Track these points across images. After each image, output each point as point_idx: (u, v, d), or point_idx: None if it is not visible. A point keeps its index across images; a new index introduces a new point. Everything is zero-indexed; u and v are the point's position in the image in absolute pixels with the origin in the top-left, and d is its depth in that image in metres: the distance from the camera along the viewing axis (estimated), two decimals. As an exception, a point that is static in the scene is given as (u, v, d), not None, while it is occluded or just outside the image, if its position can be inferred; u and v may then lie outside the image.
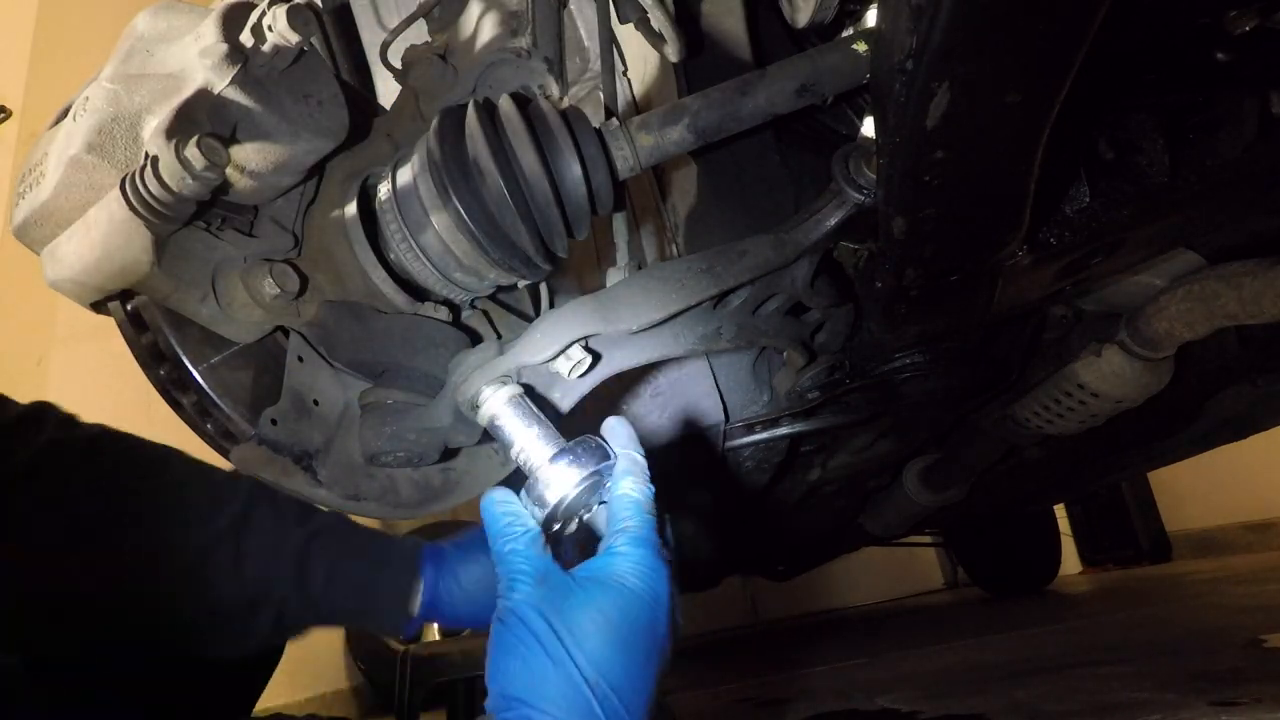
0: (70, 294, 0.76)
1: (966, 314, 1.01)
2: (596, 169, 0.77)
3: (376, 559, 0.86)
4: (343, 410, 0.81)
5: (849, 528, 2.29)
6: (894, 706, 1.60)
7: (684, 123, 0.82)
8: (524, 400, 0.73)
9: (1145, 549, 4.35)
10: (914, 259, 0.83)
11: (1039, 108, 0.63)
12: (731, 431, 1.21)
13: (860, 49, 0.83)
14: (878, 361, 1.12)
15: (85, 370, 2.33)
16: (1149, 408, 1.34)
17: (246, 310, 0.76)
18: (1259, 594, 2.42)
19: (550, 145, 0.76)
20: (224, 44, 0.67)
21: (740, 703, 2.04)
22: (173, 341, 0.77)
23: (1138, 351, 1.23)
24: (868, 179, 0.82)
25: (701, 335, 0.85)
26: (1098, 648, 1.92)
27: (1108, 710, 1.27)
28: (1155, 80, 0.93)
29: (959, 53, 0.55)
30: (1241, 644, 1.62)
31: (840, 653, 2.71)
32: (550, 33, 1.00)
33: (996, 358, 1.30)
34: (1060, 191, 0.93)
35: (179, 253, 0.71)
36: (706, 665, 3.18)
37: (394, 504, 0.82)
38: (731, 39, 1.04)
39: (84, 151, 0.69)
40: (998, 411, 1.52)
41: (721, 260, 0.83)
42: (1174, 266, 1.19)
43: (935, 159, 0.66)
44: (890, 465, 1.87)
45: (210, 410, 0.79)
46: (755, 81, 0.83)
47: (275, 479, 0.75)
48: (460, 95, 0.92)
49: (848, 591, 5.11)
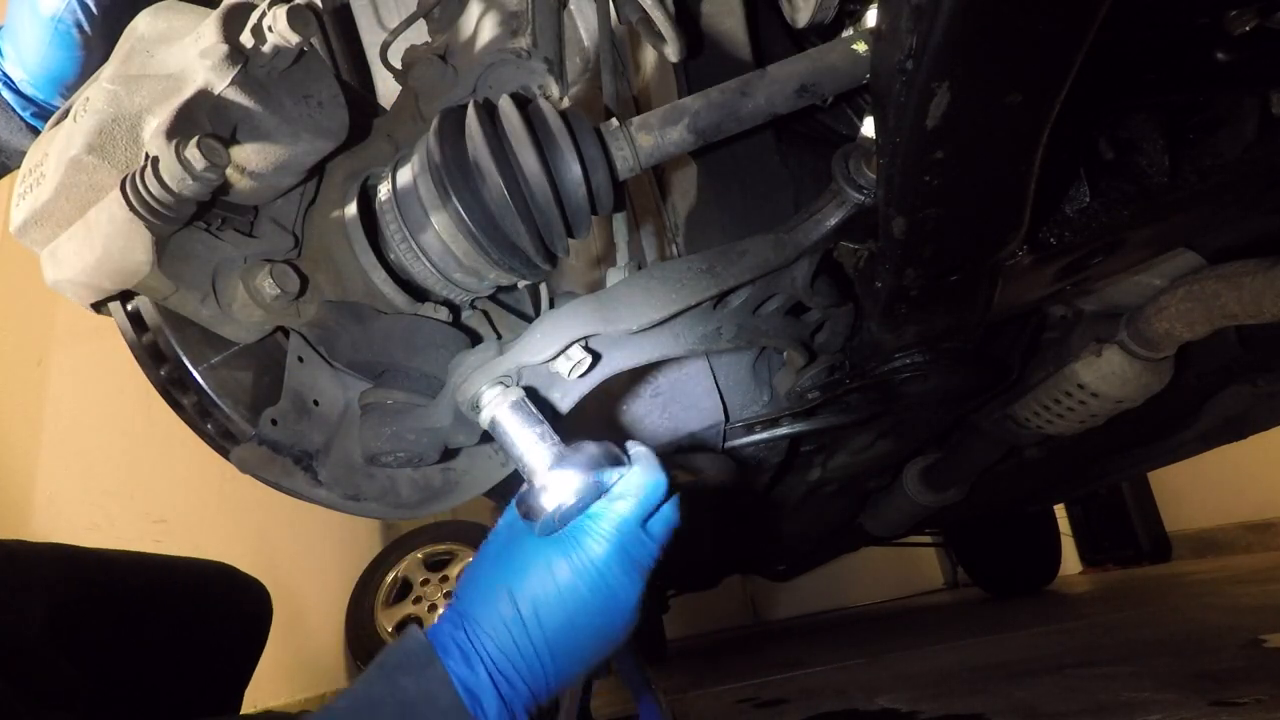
0: (70, 294, 0.76)
1: (966, 314, 1.01)
2: (596, 169, 0.77)
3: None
4: (343, 410, 0.81)
5: (849, 528, 2.29)
6: (894, 706, 1.60)
7: (684, 123, 0.81)
8: (524, 401, 0.73)
9: (1145, 549, 4.35)
10: (914, 259, 0.83)
11: (1039, 108, 0.63)
12: (731, 431, 1.21)
13: (860, 49, 0.82)
14: (878, 361, 1.12)
15: (85, 370, 2.33)
16: (1149, 408, 1.34)
17: (246, 310, 0.76)
18: (1259, 594, 2.42)
19: (550, 145, 0.76)
20: (224, 44, 0.67)
21: (740, 703, 2.04)
22: (173, 341, 0.77)
23: (1138, 351, 1.23)
24: (868, 179, 0.82)
25: (701, 335, 0.85)
26: (1098, 648, 1.92)
27: (1108, 710, 1.27)
28: (1155, 80, 0.93)
29: (959, 53, 0.55)
30: (1241, 644, 1.63)
31: (840, 653, 2.71)
32: (550, 33, 1.00)
33: (996, 358, 1.30)
34: (1060, 191, 0.93)
35: (179, 253, 0.71)
36: (706, 665, 3.18)
37: (394, 504, 0.82)
38: (731, 39, 1.04)
39: (84, 152, 0.68)
40: (998, 411, 1.52)
41: (721, 260, 0.83)
42: (1174, 266, 1.19)
43: (935, 159, 0.66)
44: (890, 465, 1.87)
45: (210, 410, 0.79)
46: (755, 81, 0.83)
47: (275, 479, 0.75)
48: (460, 95, 0.92)
49: (848, 591, 5.11)
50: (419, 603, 3.30)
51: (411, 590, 3.33)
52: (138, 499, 2.43)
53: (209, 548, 1.61)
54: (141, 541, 2.33)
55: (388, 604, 3.29)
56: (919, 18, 0.54)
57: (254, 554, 2.64)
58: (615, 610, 0.63)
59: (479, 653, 0.60)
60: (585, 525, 0.64)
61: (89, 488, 2.30)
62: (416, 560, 3.39)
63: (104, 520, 2.30)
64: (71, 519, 2.20)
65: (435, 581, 3.33)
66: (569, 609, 0.62)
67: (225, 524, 2.70)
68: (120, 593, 1.00)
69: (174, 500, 2.54)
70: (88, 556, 1.02)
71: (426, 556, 3.40)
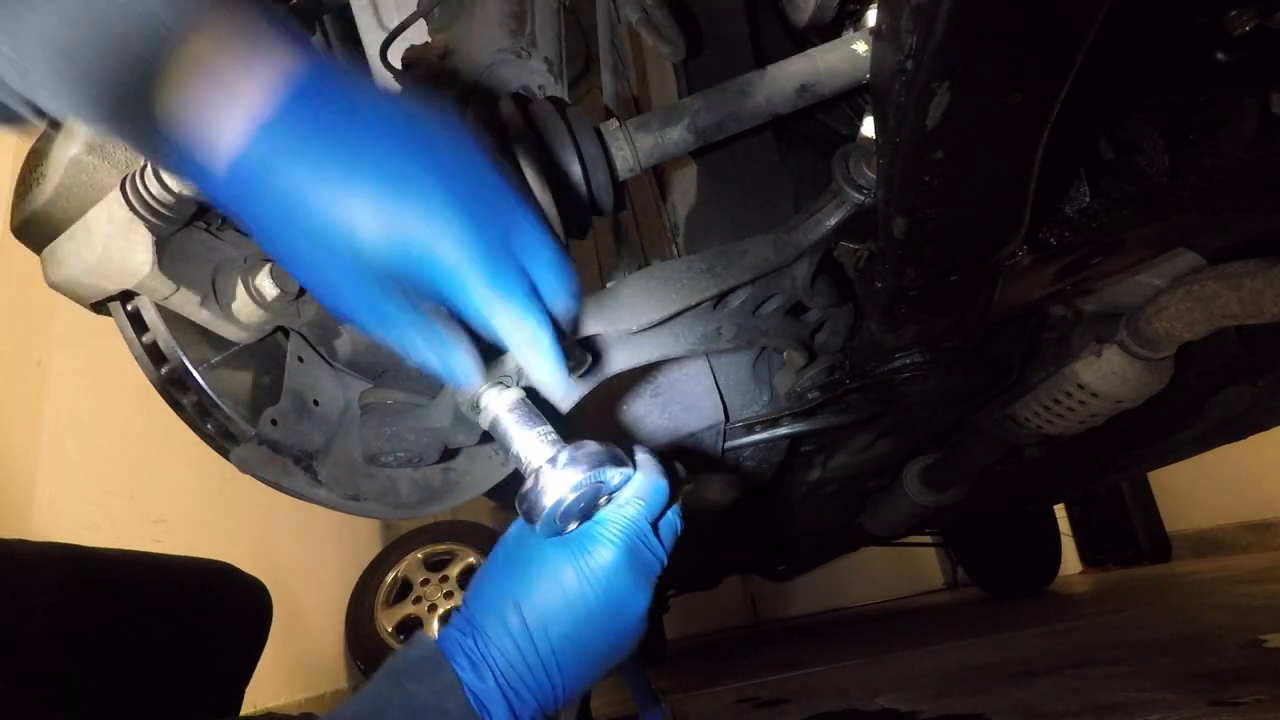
0: (70, 295, 0.76)
1: (967, 314, 1.01)
2: (596, 169, 0.77)
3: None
4: (343, 410, 0.81)
5: (849, 528, 2.29)
6: (894, 706, 1.60)
7: (684, 123, 0.82)
8: (524, 401, 0.73)
9: (1145, 549, 4.35)
10: (914, 259, 0.83)
11: (1039, 108, 0.63)
12: (731, 431, 1.21)
13: (860, 49, 0.83)
14: (878, 361, 1.12)
15: (85, 370, 2.33)
16: (1149, 408, 1.34)
17: (247, 310, 0.76)
18: (1259, 594, 2.42)
19: (550, 145, 0.76)
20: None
21: (740, 703, 2.04)
22: (173, 342, 0.77)
23: (1138, 351, 1.23)
24: (868, 179, 0.82)
25: (701, 335, 0.85)
26: (1098, 648, 1.92)
27: (1108, 710, 1.27)
28: (1155, 80, 0.93)
29: (959, 52, 0.55)
30: (1241, 644, 1.63)
31: (840, 653, 2.71)
32: (550, 33, 1.00)
33: (996, 358, 1.30)
34: (1060, 191, 0.93)
35: (179, 253, 0.71)
36: (706, 665, 3.18)
37: (394, 504, 0.82)
38: (731, 39, 1.04)
39: (84, 152, 0.69)
40: (997, 411, 1.52)
41: (721, 260, 0.83)
42: (1174, 266, 1.19)
43: (935, 159, 0.66)
44: (890, 465, 1.87)
45: (210, 410, 0.79)
46: (755, 81, 0.83)
47: (275, 479, 0.76)
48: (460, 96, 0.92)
49: (848, 591, 5.11)
50: (419, 603, 3.30)
51: (411, 590, 3.33)
52: (138, 499, 2.43)
53: (209, 548, 1.61)
54: (141, 541, 2.32)
55: (388, 604, 3.29)
56: (919, 18, 0.54)
57: (254, 554, 2.64)
58: (623, 618, 0.62)
59: (488, 662, 0.59)
60: (593, 530, 0.63)
61: (89, 488, 2.30)
62: (416, 560, 3.38)
63: (104, 520, 2.30)
64: (71, 519, 2.20)
65: (435, 581, 3.33)
66: (577, 618, 0.60)
67: (225, 524, 2.70)
68: (123, 592, 1.00)
69: (174, 500, 2.54)
70: (90, 556, 1.02)
71: (426, 556, 3.39)
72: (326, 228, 0.45)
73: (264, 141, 0.44)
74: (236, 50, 0.44)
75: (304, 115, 0.45)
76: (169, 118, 0.44)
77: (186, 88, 0.43)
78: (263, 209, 0.46)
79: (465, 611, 0.63)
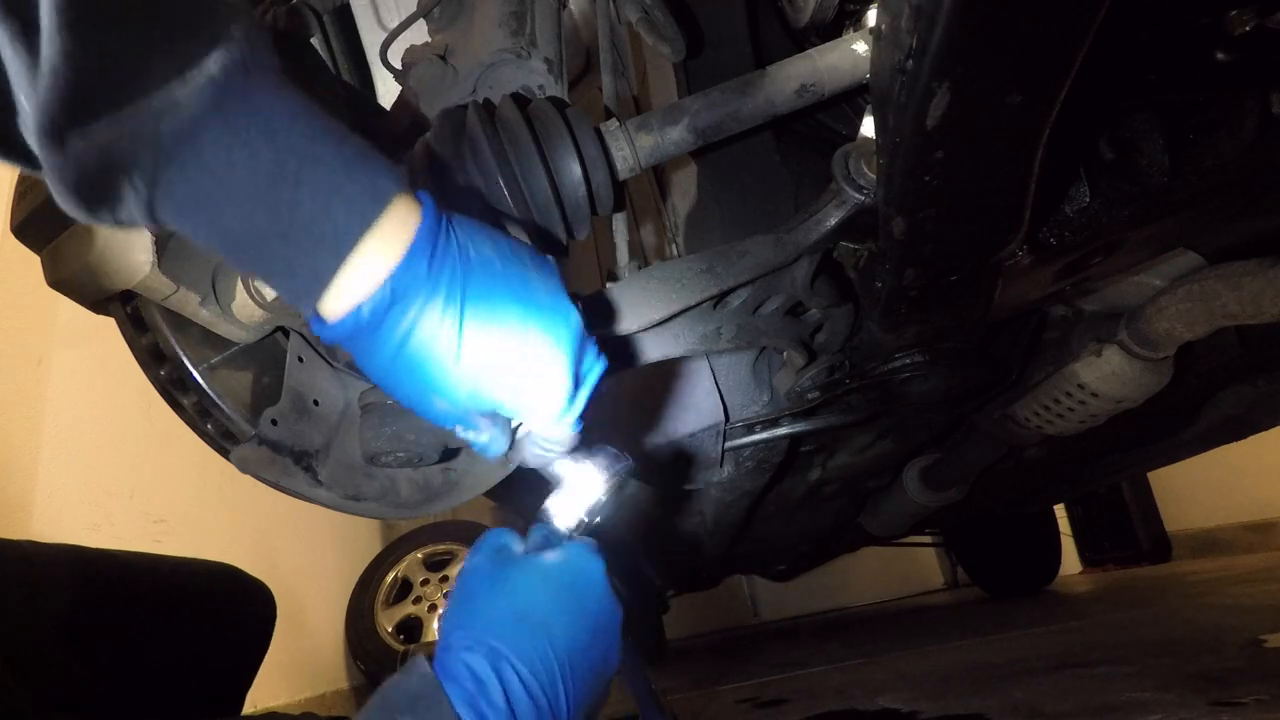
0: (71, 294, 0.76)
1: (966, 314, 1.01)
2: (596, 169, 0.77)
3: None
4: (343, 410, 0.81)
5: (849, 528, 2.29)
6: (894, 706, 1.60)
7: (684, 123, 0.82)
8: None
9: (1145, 549, 4.35)
10: (914, 259, 0.83)
11: (1039, 108, 0.63)
12: (731, 431, 1.21)
13: (860, 49, 0.83)
14: (878, 361, 1.12)
15: (85, 370, 2.33)
16: (1149, 408, 1.34)
17: (246, 311, 0.76)
18: (1259, 594, 2.42)
19: (550, 145, 0.76)
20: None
21: (740, 703, 2.04)
22: (173, 342, 0.77)
23: (1138, 351, 1.23)
24: (868, 179, 0.82)
25: (701, 335, 0.85)
26: (1098, 648, 1.92)
27: (1108, 710, 1.27)
28: (1155, 80, 0.93)
29: (959, 52, 0.55)
30: (1241, 644, 1.63)
31: (840, 653, 2.71)
32: (550, 33, 1.00)
33: (996, 358, 1.30)
34: (1060, 191, 0.93)
35: (179, 253, 0.71)
36: (706, 665, 3.18)
37: (394, 504, 0.82)
38: (731, 39, 1.04)
39: (84, 152, 0.68)
40: (997, 411, 1.52)
41: (721, 260, 0.83)
42: (1174, 266, 1.19)
43: (935, 159, 0.66)
44: (890, 465, 1.87)
45: (210, 410, 0.79)
46: (755, 81, 0.83)
47: (275, 479, 0.76)
48: (460, 95, 0.92)
49: (848, 591, 5.11)
50: (419, 603, 3.30)
51: (411, 590, 3.33)
52: (138, 499, 2.43)
53: (209, 548, 1.61)
54: (141, 541, 2.33)
55: (388, 604, 3.29)
56: (919, 18, 0.54)
57: (254, 554, 2.64)
58: (610, 633, 0.62)
59: (494, 705, 0.55)
60: (586, 545, 0.64)
61: (89, 488, 2.30)
62: (416, 560, 3.39)
63: (104, 520, 2.30)
64: (71, 519, 2.20)
65: (435, 581, 3.33)
66: (586, 632, 0.59)
67: (225, 524, 2.70)
68: (132, 595, 1.00)
69: (174, 500, 2.54)
70: (101, 558, 1.03)
71: (426, 556, 3.40)
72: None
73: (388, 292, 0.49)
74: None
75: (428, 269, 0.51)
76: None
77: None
78: (377, 361, 0.52)
79: (462, 636, 0.57)
